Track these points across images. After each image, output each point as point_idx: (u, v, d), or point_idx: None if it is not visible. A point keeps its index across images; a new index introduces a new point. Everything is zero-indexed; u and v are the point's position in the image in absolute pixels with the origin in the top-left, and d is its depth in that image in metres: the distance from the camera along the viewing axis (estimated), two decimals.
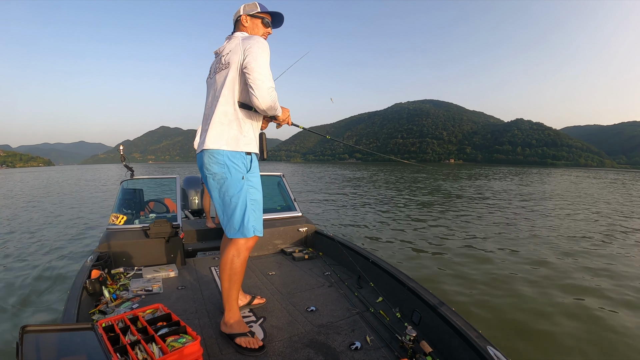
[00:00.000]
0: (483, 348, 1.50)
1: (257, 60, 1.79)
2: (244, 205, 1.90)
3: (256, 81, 1.77)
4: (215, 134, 1.87)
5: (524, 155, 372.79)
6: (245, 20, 2.04)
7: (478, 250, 6.09)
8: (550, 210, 11.27)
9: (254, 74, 1.77)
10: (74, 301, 1.95)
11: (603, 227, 8.64)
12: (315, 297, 2.49)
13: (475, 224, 8.71)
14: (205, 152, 1.89)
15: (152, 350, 1.49)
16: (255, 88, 1.77)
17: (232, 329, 1.88)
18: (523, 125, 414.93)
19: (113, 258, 3.00)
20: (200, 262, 3.33)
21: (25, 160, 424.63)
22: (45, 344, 1.37)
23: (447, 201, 13.53)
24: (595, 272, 5.02)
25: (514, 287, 4.39)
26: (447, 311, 1.83)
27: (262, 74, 1.78)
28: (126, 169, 3.96)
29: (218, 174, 1.88)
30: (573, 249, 6.27)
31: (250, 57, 1.80)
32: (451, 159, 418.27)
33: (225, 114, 1.88)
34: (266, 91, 1.78)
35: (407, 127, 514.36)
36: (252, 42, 1.84)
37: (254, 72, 1.77)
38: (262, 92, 1.77)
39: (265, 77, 1.79)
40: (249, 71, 1.78)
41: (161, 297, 2.46)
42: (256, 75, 1.77)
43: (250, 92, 1.79)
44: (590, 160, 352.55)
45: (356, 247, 3.08)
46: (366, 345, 1.84)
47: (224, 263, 1.91)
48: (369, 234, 7.55)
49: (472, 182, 25.36)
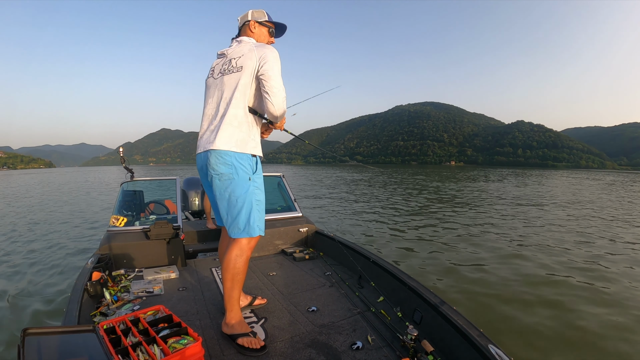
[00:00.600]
0: (484, 347, 1.50)
1: (273, 69, 1.90)
2: (250, 205, 1.93)
3: (273, 89, 1.88)
4: (225, 135, 1.89)
5: (525, 157, 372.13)
6: (253, 26, 2.11)
7: (478, 250, 6.08)
8: (552, 212, 11.27)
9: (271, 82, 1.88)
10: (75, 303, 1.95)
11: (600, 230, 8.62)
12: (316, 297, 2.49)
13: (476, 224, 8.70)
14: (213, 152, 1.90)
15: (153, 351, 1.49)
16: (272, 96, 1.88)
17: (233, 330, 1.88)
18: (524, 127, 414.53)
19: (114, 260, 3.00)
20: (201, 263, 3.33)
21: (27, 161, 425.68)
22: (46, 346, 1.37)
23: (447, 201, 13.52)
24: (597, 273, 5.01)
25: (514, 286, 4.39)
26: (448, 310, 1.83)
27: (279, 82, 1.91)
28: (126, 171, 3.96)
29: (225, 174, 1.90)
30: (578, 249, 6.27)
31: (267, 65, 1.89)
32: (452, 161, 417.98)
33: (235, 116, 1.92)
34: (282, 99, 1.91)
35: (407, 130, 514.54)
36: (268, 52, 1.93)
37: (271, 80, 1.88)
38: (278, 100, 1.90)
39: (281, 86, 1.92)
40: (266, 79, 1.89)
41: (162, 299, 2.45)
42: (273, 84, 1.89)
43: (267, 98, 1.90)
44: (591, 162, 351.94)
45: (357, 246, 3.08)
46: (367, 345, 1.84)
47: (227, 263, 1.91)
48: (369, 233, 7.55)
49: (471, 184, 25.37)
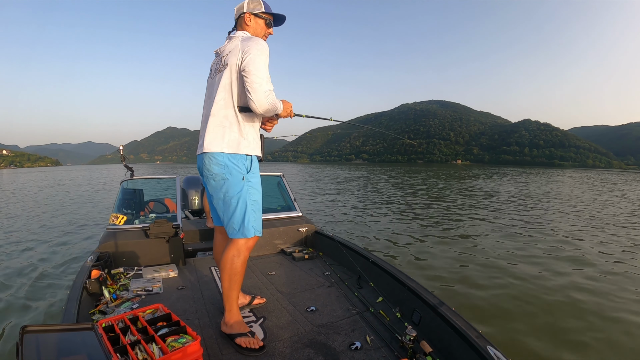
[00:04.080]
0: (483, 348, 1.49)
1: (254, 62, 1.78)
2: (244, 205, 1.90)
3: (253, 84, 1.76)
4: (215, 136, 1.88)
5: (532, 156, 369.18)
6: (248, 18, 2.01)
7: (479, 251, 6.05)
8: (554, 212, 11.18)
9: (251, 77, 1.76)
10: (74, 301, 1.96)
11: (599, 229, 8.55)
12: (315, 297, 2.48)
13: (478, 224, 8.65)
14: (206, 155, 1.90)
15: (152, 350, 1.50)
16: (252, 92, 1.76)
17: (232, 329, 1.88)
18: (530, 125, 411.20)
19: (113, 258, 3.00)
20: (200, 262, 3.33)
21: (33, 160, 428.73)
22: (45, 344, 1.37)
23: (447, 202, 13.46)
24: (599, 274, 4.97)
25: (513, 287, 4.36)
26: (447, 311, 1.82)
27: (259, 77, 1.76)
28: (126, 169, 3.97)
29: (218, 174, 1.89)
30: (581, 250, 6.22)
31: (248, 59, 1.79)
32: (458, 160, 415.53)
33: (226, 117, 1.89)
34: (263, 95, 1.76)
35: (414, 128, 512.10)
36: (251, 44, 1.83)
37: (251, 75, 1.76)
38: (259, 96, 1.76)
39: (262, 80, 1.77)
40: (246, 74, 1.77)
41: (161, 297, 2.46)
42: (253, 79, 1.76)
43: (248, 95, 1.78)
44: (598, 161, 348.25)
45: (356, 247, 3.08)
46: (366, 345, 1.84)
47: (224, 263, 1.91)
48: (369, 233, 7.53)
49: (477, 182, 25.24)
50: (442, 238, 7.06)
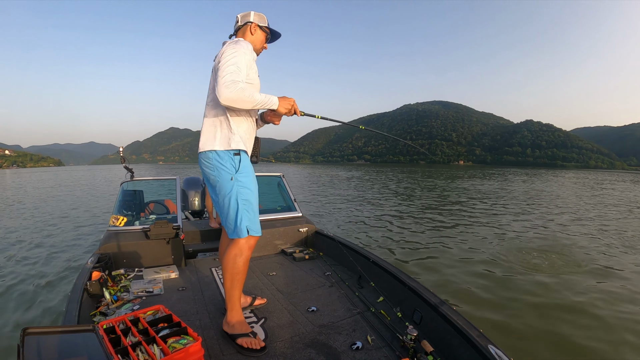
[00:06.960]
0: (484, 347, 1.48)
1: (224, 56, 1.81)
2: (235, 205, 1.91)
3: (218, 78, 1.75)
4: (209, 136, 1.94)
5: (534, 156, 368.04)
6: (254, 29, 2.11)
7: (479, 250, 6.03)
8: (554, 212, 11.14)
9: (219, 71, 1.77)
10: (75, 303, 1.96)
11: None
12: (316, 297, 2.48)
13: (479, 224, 8.62)
14: (200, 154, 1.97)
15: (153, 351, 1.50)
16: (217, 84, 1.75)
17: (234, 330, 1.88)
18: (533, 126, 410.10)
19: (114, 259, 3.00)
20: (201, 263, 3.34)
21: (36, 160, 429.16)
22: (46, 346, 1.37)
23: (447, 202, 13.44)
24: (600, 274, 4.94)
25: (514, 286, 4.34)
26: (448, 310, 1.81)
27: (222, 69, 1.76)
28: (126, 170, 3.98)
29: (210, 175, 1.94)
30: (582, 250, 6.19)
31: (222, 56, 1.84)
32: (460, 160, 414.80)
33: (216, 116, 1.95)
34: (223, 85, 1.73)
35: (416, 129, 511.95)
36: (231, 44, 1.89)
37: (219, 70, 1.78)
38: (219, 86, 1.73)
39: (225, 72, 1.75)
40: (218, 68, 1.80)
41: (162, 299, 2.46)
42: (220, 73, 1.76)
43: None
44: (600, 162, 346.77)
45: (357, 247, 3.07)
46: (367, 345, 1.83)
47: (227, 262, 1.92)
48: (370, 233, 7.52)
49: (478, 182, 25.19)
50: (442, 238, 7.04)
